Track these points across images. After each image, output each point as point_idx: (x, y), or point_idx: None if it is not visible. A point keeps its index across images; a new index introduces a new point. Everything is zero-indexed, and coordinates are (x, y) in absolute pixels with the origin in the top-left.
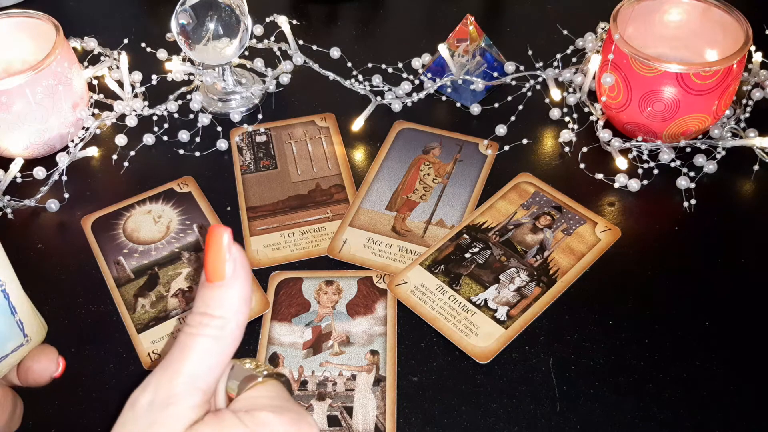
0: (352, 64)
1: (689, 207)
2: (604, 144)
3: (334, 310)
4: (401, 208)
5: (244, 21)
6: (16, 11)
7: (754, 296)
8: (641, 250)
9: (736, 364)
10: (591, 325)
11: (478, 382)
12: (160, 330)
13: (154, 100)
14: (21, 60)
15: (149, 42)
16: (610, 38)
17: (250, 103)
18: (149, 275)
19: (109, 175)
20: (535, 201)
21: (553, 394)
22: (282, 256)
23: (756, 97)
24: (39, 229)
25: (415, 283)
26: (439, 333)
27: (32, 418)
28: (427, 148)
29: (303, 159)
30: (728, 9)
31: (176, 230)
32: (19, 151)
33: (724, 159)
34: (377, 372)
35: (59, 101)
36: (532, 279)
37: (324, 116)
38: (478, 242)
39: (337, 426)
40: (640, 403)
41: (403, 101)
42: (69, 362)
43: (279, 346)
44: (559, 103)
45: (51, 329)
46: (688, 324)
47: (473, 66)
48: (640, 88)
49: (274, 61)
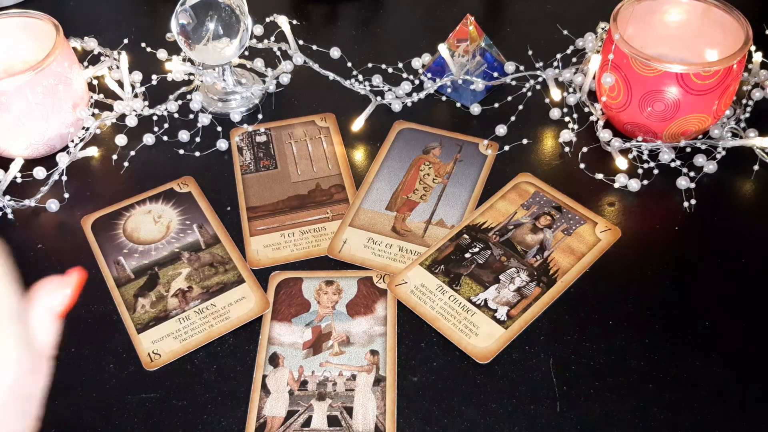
0: (352, 64)
1: (689, 207)
2: (604, 144)
3: (334, 310)
4: (401, 208)
5: (244, 21)
6: (16, 11)
7: (754, 296)
8: (641, 250)
9: (736, 364)
10: (591, 325)
11: (478, 382)
12: (160, 330)
13: (154, 100)
14: (21, 60)
15: (149, 42)
16: (610, 38)
17: (250, 103)
18: (149, 275)
19: (109, 175)
20: (535, 201)
21: (553, 394)
22: (282, 256)
23: (756, 97)
24: (39, 229)
25: (415, 283)
26: (439, 333)
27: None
28: (427, 148)
29: (303, 159)
30: (728, 9)
31: (176, 230)
32: (19, 151)
33: (724, 159)
34: (377, 372)
35: (59, 101)
36: (532, 279)
37: (324, 116)
38: (478, 242)
39: (337, 426)
40: (640, 403)
41: (403, 101)
42: (69, 362)
43: (279, 346)
44: (559, 103)
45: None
46: (688, 324)
47: (473, 66)
48: (640, 88)
49: (274, 61)
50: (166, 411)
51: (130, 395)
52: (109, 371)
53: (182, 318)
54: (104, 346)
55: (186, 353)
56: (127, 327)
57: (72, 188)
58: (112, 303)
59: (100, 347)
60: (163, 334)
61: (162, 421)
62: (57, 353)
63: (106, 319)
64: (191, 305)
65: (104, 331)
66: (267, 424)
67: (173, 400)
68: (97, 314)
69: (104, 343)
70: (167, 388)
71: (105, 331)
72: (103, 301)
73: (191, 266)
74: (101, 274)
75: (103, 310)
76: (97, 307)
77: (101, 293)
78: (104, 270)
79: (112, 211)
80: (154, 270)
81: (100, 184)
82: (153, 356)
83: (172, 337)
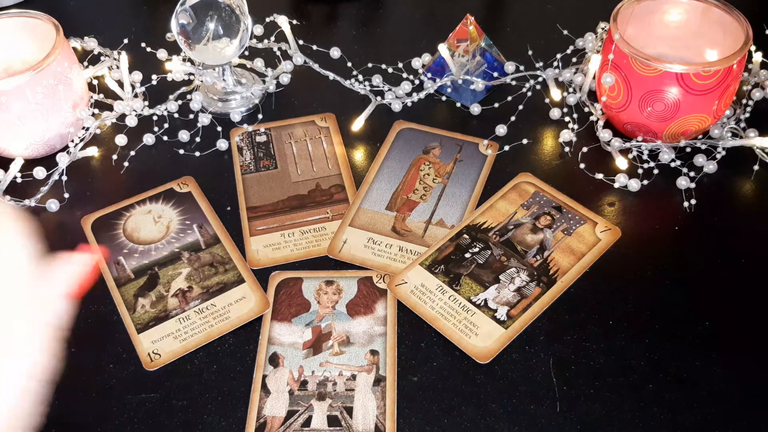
0: (352, 64)
1: (689, 207)
2: (604, 144)
3: (334, 310)
4: (401, 208)
5: (244, 21)
6: (16, 11)
7: (754, 296)
8: (641, 250)
9: (736, 364)
10: (591, 325)
11: (478, 382)
12: (160, 330)
13: (154, 100)
14: (21, 60)
15: (149, 42)
16: (610, 38)
17: (250, 103)
18: (149, 275)
19: (109, 175)
20: (535, 201)
21: (553, 394)
22: (282, 256)
23: (756, 97)
24: (39, 229)
25: (415, 283)
26: (439, 333)
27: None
28: (427, 148)
29: (303, 159)
30: (728, 9)
31: (176, 230)
32: (19, 151)
33: (724, 159)
34: (377, 372)
35: (59, 101)
36: (532, 279)
37: (324, 116)
38: (478, 242)
39: (337, 426)
40: (640, 403)
41: (403, 101)
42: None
43: (279, 346)
44: (559, 103)
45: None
46: (688, 324)
47: (473, 66)
48: (640, 88)
49: (274, 61)
50: (166, 411)
51: (130, 395)
52: (109, 371)
53: (182, 318)
54: (104, 346)
55: (186, 353)
56: (127, 327)
57: (72, 188)
58: (112, 303)
59: (100, 347)
60: (163, 334)
61: (162, 421)
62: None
63: (106, 319)
64: (191, 305)
65: (104, 331)
66: (267, 424)
67: (173, 400)
68: (97, 314)
69: (104, 343)
70: (167, 388)
71: (105, 331)
72: (103, 301)
73: (191, 266)
74: (101, 274)
75: (103, 310)
76: (97, 307)
77: (101, 293)
78: (104, 270)
79: (112, 211)
80: (154, 270)
81: (100, 184)
82: (153, 356)
83: (172, 337)
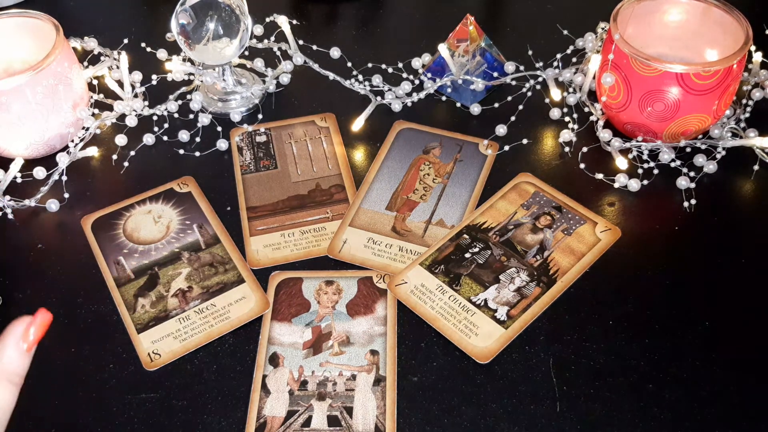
0: (352, 64)
1: (689, 207)
2: (604, 144)
3: (334, 310)
4: (401, 208)
5: (244, 21)
6: (16, 11)
7: (754, 296)
8: (641, 250)
9: (736, 364)
10: (591, 325)
11: (478, 382)
12: (160, 330)
13: (154, 100)
14: (21, 60)
15: (149, 42)
16: (610, 38)
17: (250, 103)
18: (149, 275)
19: (109, 175)
20: (535, 201)
21: (553, 394)
22: (282, 256)
23: (756, 97)
24: (39, 229)
25: (415, 283)
26: (439, 333)
27: (32, 418)
28: (427, 148)
29: (303, 159)
30: (728, 9)
31: (176, 230)
32: (19, 151)
33: (724, 159)
34: (377, 372)
35: (59, 101)
36: (532, 279)
37: (324, 116)
38: (478, 242)
39: (337, 426)
40: (640, 403)
41: (403, 101)
42: (69, 362)
43: (279, 346)
44: (559, 103)
45: (51, 329)
46: (688, 324)
47: (473, 66)
48: (640, 88)
49: (274, 61)
50: (166, 411)
51: (130, 395)
52: (109, 371)
53: (182, 318)
54: (104, 346)
55: (186, 353)
56: (127, 327)
57: (72, 188)
58: (112, 303)
59: (100, 347)
60: (163, 334)
61: (162, 421)
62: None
63: (106, 319)
64: (191, 305)
65: (104, 331)
66: (267, 424)
67: (173, 400)
68: (97, 314)
69: (104, 343)
70: (167, 388)
71: (105, 331)
72: (103, 301)
73: (191, 266)
74: (101, 274)
75: (103, 310)
76: (97, 307)
77: (101, 293)
78: (104, 270)
79: (112, 211)
80: (154, 270)
81: (100, 184)
82: (153, 356)
83: (172, 337)
